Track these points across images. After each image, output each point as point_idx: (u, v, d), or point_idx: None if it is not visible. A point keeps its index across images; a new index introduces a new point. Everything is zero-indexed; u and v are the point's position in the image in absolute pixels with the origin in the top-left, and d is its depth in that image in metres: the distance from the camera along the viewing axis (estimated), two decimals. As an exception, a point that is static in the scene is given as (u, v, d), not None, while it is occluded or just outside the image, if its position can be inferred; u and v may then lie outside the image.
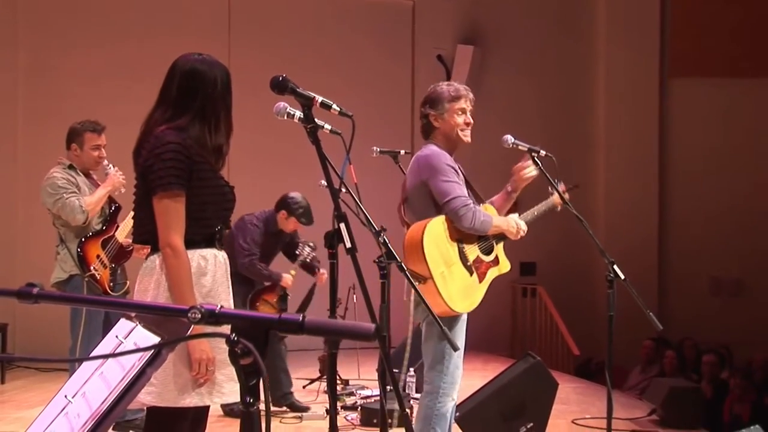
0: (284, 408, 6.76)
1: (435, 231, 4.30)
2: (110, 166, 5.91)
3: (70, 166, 5.85)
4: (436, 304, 4.19)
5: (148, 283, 3.28)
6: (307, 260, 6.94)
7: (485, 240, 4.54)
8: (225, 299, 3.40)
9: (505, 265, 4.66)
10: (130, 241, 5.69)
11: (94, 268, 5.73)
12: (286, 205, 6.78)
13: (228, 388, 3.28)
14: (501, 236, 4.59)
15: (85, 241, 5.73)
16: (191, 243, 3.26)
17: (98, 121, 5.99)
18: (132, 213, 5.76)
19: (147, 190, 3.26)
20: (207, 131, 3.31)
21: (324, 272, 6.86)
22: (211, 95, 3.33)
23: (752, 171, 12.48)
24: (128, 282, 5.98)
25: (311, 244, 6.90)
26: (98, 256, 5.79)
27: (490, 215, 4.46)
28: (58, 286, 5.76)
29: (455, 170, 4.39)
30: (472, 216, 4.31)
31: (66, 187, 5.71)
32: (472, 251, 4.46)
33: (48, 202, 5.74)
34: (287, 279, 6.79)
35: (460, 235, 4.40)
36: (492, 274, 4.57)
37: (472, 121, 4.55)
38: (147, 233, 3.30)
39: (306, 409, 6.80)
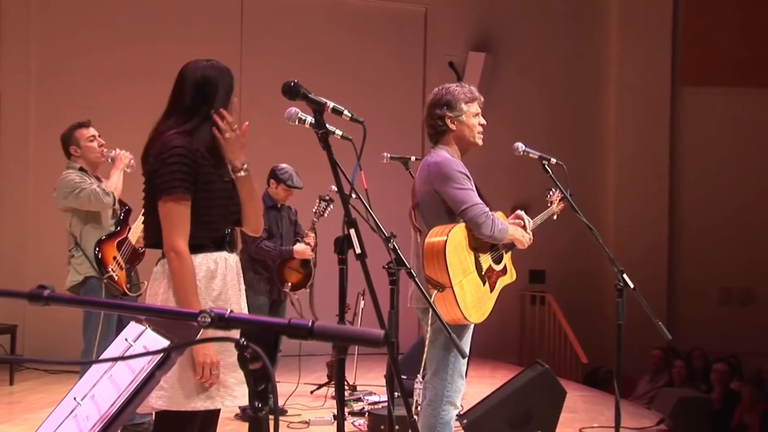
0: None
1: (456, 239, 4.27)
2: (114, 151, 5.92)
3: (81, 168, 5.88)
4: (451, 313, 4.19)
5: (158, 287, 3.29)
6: (324, 214, 6.98)
7: (496, 249, 4.53)
8: (235, 302, 3.39)
9: (512, 275, 4.66)
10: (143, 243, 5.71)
11: (111, 269, 5.75)
12: (272, 174, 6.90)
13: (239, 392, 3.28)
14: (510, 245, 4.58)
15: (102, 243, 5.76)
16: (201, 247, 3.27)
17: (81, 120, 6.03)
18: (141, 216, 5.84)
19: (154, 195, 3.28)
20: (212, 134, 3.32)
21: (309, 235, 6.94)
22: (218, 100, 3.34)
23: (763, 180, 12.45)
24: (145, 283, 6.00)
25: (327, 198, 6.94)
26: (114, 258, 5.81)
27: (506, 223, 4.45)
28: (75, 290, 5.78)
29: (467, 176, 4.36)
30: (492, 224, 4.29)
31: (82, 180, 5.75)
32: (486, 260, 4.45)
33: (66, 201, 5.75)
34: (299, 248, 6.82)
35: (476, 243, 4.37)
36: (501, 283, 4.56)
37: (485, 122, 4.54)
38: (156, 237, 3.31)
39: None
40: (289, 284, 6.84)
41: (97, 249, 5.72)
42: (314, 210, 7.00)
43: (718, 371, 9.79)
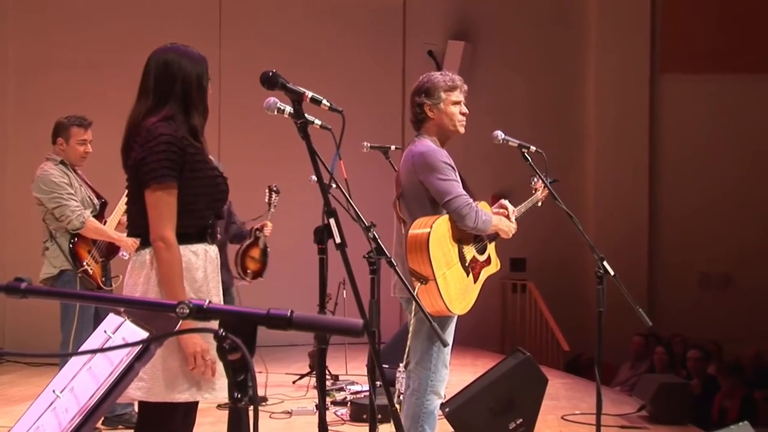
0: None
1: (440, 231, 4.27)
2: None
3: (62, 162, 5.84)
4: (435, 305, 4.19)
5: (138, 277, 3.26)
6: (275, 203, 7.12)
7: (480, 240, 4.53)
8: (215, 294, 3.39)
9: (495, 265, 4.66)
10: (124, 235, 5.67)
11: (86, 263, 5.72)
12: None
13: (219, 384, 3.27)
14: (494, 235, 4.59)
15: (77, 237, 5.72)
16: (183, 237, 3.24)
17: (85, 117, 5.98)
18: (118, 208, 5.82)
19: (140, 184, 3.25)
20: (186, 114, 3.31)
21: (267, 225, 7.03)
22: (186, 80, 3.33)
23: (741, 166, 12.53)
24: (120, 276, 5.97)
25: (275, 188, 7.02)
26: (89, 252, 5.78)
27: (489, 214, 4.45)
28: (47, 282, 5.74)
29: (452, 167, 4.35)
30: (475, 215, 4.29)
31: (63, 186, 5.70)
32: (469, 251, 4.45)
33: (42, 198, 5.72)
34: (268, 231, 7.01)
35: (460, 234, 4.37)
36: (485, 274, 4.56)
37: (467, 111, 4.54)
38: (141, 227, 3.29)
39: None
40: (251, 272, 6.91)
41: (71, 244, 5.69)
42: (266, 201, 7.03)
43: (692, 359, 9.86)
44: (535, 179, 4.94)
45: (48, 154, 5.90)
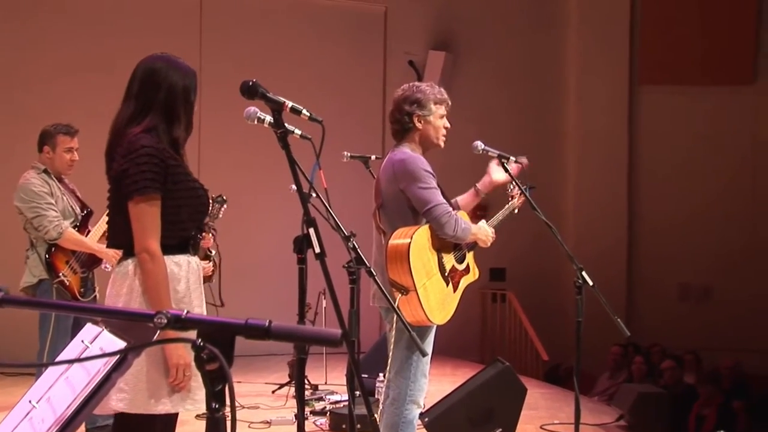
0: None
1: (420, 242, 4.27)
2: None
3: (45, 171, 5.81)
4: (416, 315, 4.20)
5: (120, 287, 3.25)
6: (219, 215, 6.74)
7: (459, 249, 4.54)
8: (198, 305, 3.38)
9: (474, 273, 4.68)
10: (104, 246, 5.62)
11: (63, 274, 5.69)
12: None
13: (200, 395, 3.25)
14: (472, 244, 4.60)
15: (55, 247, 5.69)
16: (165, 249, 3.23)
17: (71, 124, 5.95)
18: (103, 219, 5.78)
19: (122, 195, 3.24)
20: (169, 125, 3.30)
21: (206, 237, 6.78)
22: (171, 91, 3.32)
23: (720, 177, 12.63)
24: (97, 288, 5.94)
25: (219, 198, 6.73)
26: (68, 262, 5.74)
27: (468, 222, 4.46)
28: (27, 291, 5.71)
29: (432, 175, 4.36)
30: (455, 224, 4.30)
31: (43, 196, 5.67)
32: (449, 260, 4.46)
33: (22, 207, 5.69)
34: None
35: (440, 244, 4.38)
36: (464, 282, 4.57)
37: (449, 125, 4.56)
38: (123, 238, 3.27)
39: None
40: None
41: (48, 255, 5.65)
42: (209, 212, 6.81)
43: (668, 369, 9.92)
44: (512, 186, 4.95)
45: (33, 163, 5.87)
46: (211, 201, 6.88)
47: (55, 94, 10.06)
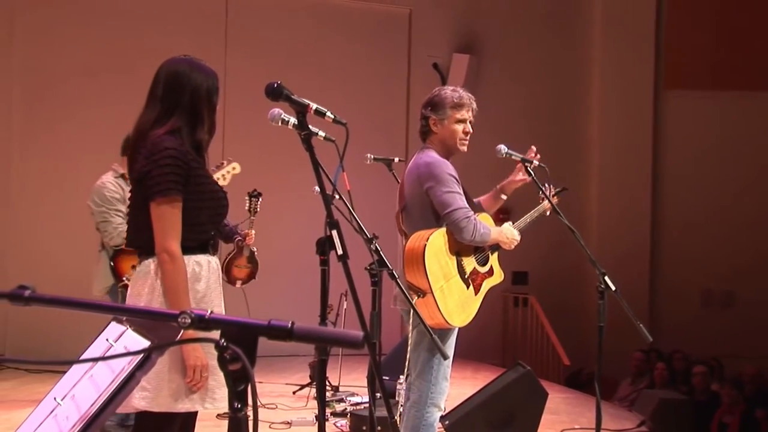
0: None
1: (436, 244, 4.27)
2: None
3: (122, 175, 5.87)
4: (434, 318, 4.20)
5: (142, 287, 3.28)
6: (257, 209, 6.87)
7: (481, 251, 4.53)
8: (218, 305, 3.41)
9: (498, 276, 4.66)
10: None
11: (126, 278, 5.75)
12: None
13: (220, 394, 3.28)
14: (496, 246, 4.59)
15: (119, 253, 5.77)
16: (186, 249, 3.27)
17: None
18: None
19: (144, 195, 3.27)
20: (192, 127, 3.32)
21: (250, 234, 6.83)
22: (195, 93, 3.34)
23: (743, 182, 12.54)
24: None
25: (255, 192, 6.80)
26: (134, 266, 5.80)
27: (488, 226, 4.44)
28: (104, 293, 5.84)
29: (456, 180, 4.36)
30: (473, 228, 4.28)
31: (112, 202, 5.77)
32: (470, 263, 4.45)
33: (93, 210, 5.82)
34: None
35: (459, 247, 4.38)
36: (487, 285, 4.55)
37: (471, 130, 4.54)
38: (142, 238, 3.31)
39: None
40: (239, 280, 6.86)
41: (112, 261, 5.75)
42: (247, 208, 6.92)
43: (698, 374, 9.84)
44: (547, 185, 4.92)
45: (114, 165, 5.96)
46: (248, 198, 6.94)
47: (76, 97, 10.12)
